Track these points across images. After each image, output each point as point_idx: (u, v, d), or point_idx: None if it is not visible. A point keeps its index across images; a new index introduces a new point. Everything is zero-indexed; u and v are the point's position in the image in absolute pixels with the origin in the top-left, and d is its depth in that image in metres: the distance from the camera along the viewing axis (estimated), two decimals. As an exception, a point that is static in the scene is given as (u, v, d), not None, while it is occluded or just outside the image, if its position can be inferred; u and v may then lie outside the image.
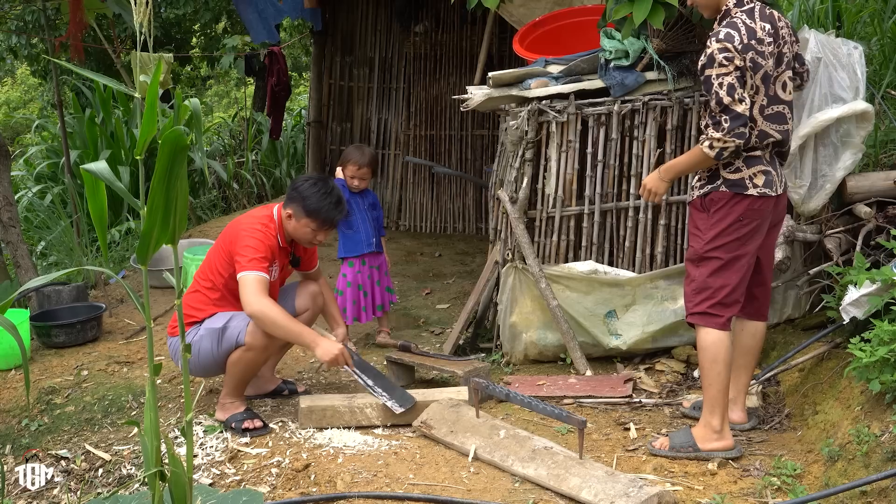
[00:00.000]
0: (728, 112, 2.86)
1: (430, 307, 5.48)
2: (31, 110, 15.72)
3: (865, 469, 2.66)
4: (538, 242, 4.17)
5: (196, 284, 3.58)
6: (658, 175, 3.18)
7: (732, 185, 3.00)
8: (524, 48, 4.54)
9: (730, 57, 2.87)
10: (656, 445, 3.14)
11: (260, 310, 3.28)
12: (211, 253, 3.61)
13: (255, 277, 3.33)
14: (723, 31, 2.91)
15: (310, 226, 3.51)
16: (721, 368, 3.01)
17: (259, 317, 3.29)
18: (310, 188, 3.51)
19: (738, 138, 2.87)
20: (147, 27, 1.88)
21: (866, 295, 3.19)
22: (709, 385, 3.04)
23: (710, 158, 2.93)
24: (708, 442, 3.06)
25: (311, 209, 3.49)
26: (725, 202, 3.01)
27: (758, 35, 2.92)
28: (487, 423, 3.24)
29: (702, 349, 3.06)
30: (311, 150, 8.11)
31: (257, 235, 3.44)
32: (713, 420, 3.05)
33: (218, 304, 3.51)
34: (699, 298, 3.06)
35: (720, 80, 2.87)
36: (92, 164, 1.85)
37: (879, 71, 4.58)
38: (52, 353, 4.59)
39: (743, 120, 2.86)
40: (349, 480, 2.93)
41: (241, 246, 3.41)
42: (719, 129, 2.87)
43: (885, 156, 4.27)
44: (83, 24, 5.92)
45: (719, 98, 2.87)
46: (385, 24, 7.99)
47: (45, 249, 7.31)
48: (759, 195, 2.99)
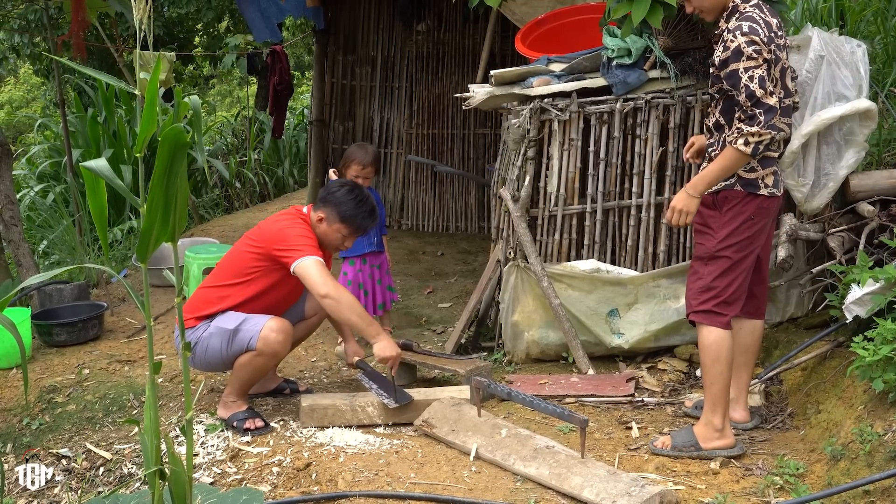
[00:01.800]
0: (761, 105, 2.82)
1: (432, 306, 5.47)
2: (33, 109, 15.74)
3: (868, 468, 2.65)
4: (540, 241, 4.17)
5: (213, 280, 3.56)
6: (686, 193, 3.02)
7: (746, 184, 2.98)
8: (526, 46, 4.53)
9: (759, 49, 2.83)
10: (658, 445, 3.13)
11: (331, 292, 3.31)
12: (236, 251, 3.59)
13: (314, 261, 3.35)
14: (745, 25, 2.86)
15: (342, 231, 3.55)
16: (723, 367, 3.01)
17: (332, 299, 3.31)
18: (346, 195, 3.54)
19: (773, 129, 2.84)
20: (147, 24, 1.87)
21: (869, 293, 3.18)
22: (710, 384, 3.04)
23: (746, 156, 2.87)
24: (710, 441, 3.05)
25: (346, 216, 3.51)
26: (738, 201, 2.99)
27: (773, 28, 2.91)
28: (489, 422, 3.23)
29: (703, 348, 3.05)
30: (313, 148, 8.10)
31: (301, 226, 3.48)
32: (715, 419, 3.04)
33: (235, 302, 3.48)
34: (705, 297, 3.05)
35: (750, 73, 2.82)
36: (92, 162, 1.85)
37: (883, 69, 4.57)
38: (54, 352, 4.59)
39: (775, 112, 2.83)
40: (350, 479, 2.92)
41: (288, 237, 3.41)
42: (755, 123, 2.82)
43: (889, 154, 4.25)
44: (85, 22, 5.92)
45: (751, 91, 2.82)
46: (387, 23, 7.98)
47: (47, 248, 7.32)
48: (769, 195, 3.00)
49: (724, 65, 2.91)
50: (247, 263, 3.49)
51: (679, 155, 4.03)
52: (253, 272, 3.48)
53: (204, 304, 3.48)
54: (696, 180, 3.02)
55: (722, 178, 2.97)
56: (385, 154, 8.01)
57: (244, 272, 3.49)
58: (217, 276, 3.57)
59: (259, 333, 3.34)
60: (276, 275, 3.47)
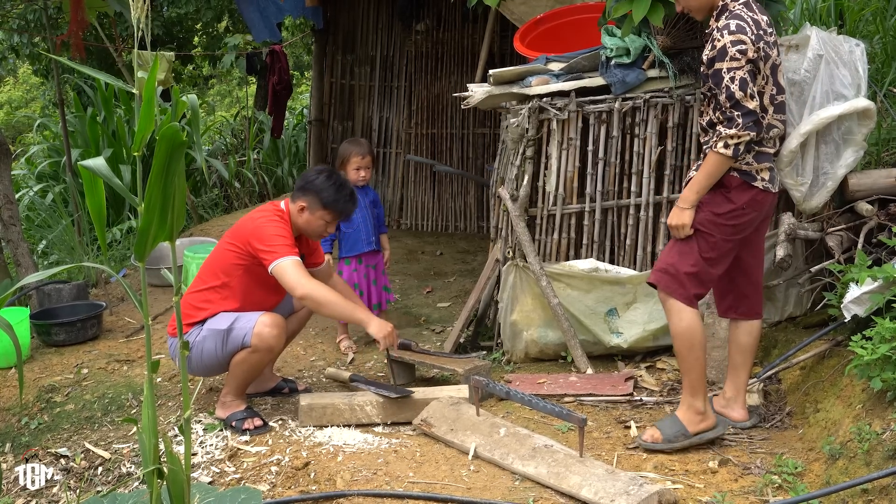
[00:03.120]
0: (740, 108, 2.85)
1: (431, 305, 5.47)
2: (32, 109, 15.73)
3: (867, 467, 2.65)
4: (539, 240, 4.17)
5: (199, 284, 3.56)
6: (678, 208, 3.06)
7: (742, 173, 3.00)
8: (525, 46, 4.53)
9: (743, 50, 2.83)
10: (647, 439, 3.14)
11: (308, 292, 3.32)
12: (218, 252, 3.60)
13: (292, 261, 3.36)
14: (733, 23, 2.87)
15: (325, 218, 3.56)
16: (698, 353, 3.04)
17: (309, 298, 3.33)
18: (325, 181, 3.56)
19: (752, 131, 2.86)
20: (145, 23, 1.87)
21: (868, 292, 3.18)
22: (688, 370, 3.08)
23: (729, 158, 2.91)
24: (696, 424, 3.10)
25: (327, 201, 3.53)
26: (734, 187, 3.01)
27: (762, 25, 2.91)
28: (488, 422, 3.23)
29: (676, 335, 3.07)
30: (312, 148, 8.10)
31: (278, 223, 3.48)
32: (696, 402, 3.09)
33: (223, 304, 3.50)
34: (671, 261, 3.06)
35: (732, 73, 2.84)
36: (90, 161, 1.84)
37: (881, 69, 4.57)
38: (53, 352, 4.59)
39: (755, 116, 2.85)
40: (349, 479, 2.92)
41: (265, 236, 3.41)
42: (733, 125, 2.86)
43: (887, 153, 4.26)
44: (84, 22, 5.91)
45: (731, 93, 2.84)
46: (386, 23, 7.98)
47: (46, 248, 7.31)
48: (763, 189, 3.02)
49: (710, 63, 2.92)
50: (230, 261, 3.50)
51: (678, 154, 4.04)
52: (236, 270, 3.49)
53: (193, 309, 3.49)
54: (685, 192, 3.06)
55: (709, 184, 3.00)
56: (384, 154, 8.01)
57: (227, 271, 3.50)
58: (202, 279, 3.57)
59: (252, 330, 3.35)
60: (259, 269, 3.47)
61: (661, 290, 3.10)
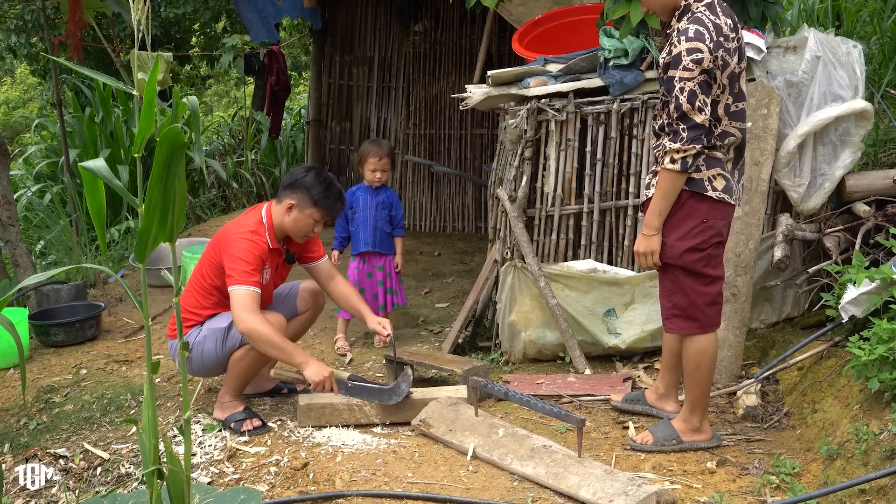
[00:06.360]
0: (686, 121, 2.76)
1: (430, 306, 5.47)
2: (30, 109, 15.71)
3: (864, 467, 2.66)
4: (537, 241, 4.17)
5: (192, 286, 3.56)
6: (643, 235, 2.96)
7: (692, 183, 2.88)
8: (523, 47, 4.54)
9: (698, 59, 2.72)
10: (638, 440, 3.16)
11: (250, 328, 3.26)
12: (203, 258, 3.59)
13: (244, 293, 3.30)
14: (692, 29, 2.76)
15: (314, 216, 3.51)
16: (703, 374, 3.05)
17: (249, 335, 3.29)
18: (314, 179, 3.52)
19: (697, 143, 2.78)
20: (145, 25, 1.88)
21: (865, 293, 3.19)
22: (692, 388, 3.09)
23: (678, 172, 2.81)
24: (689, 435, 3.12)
25: (318, 199, 3.49)
26: (684, 202, 2.89)
27: (723, 31, 2.79)
28: (486, 422, 3.23)
29: (686, 356, 3.08)
30: (310, 149, 8.11)
31: (246, 246, 3.39)
32: (693, 419, 3.11)
33: (215, 307, 3.51)
34: (669, 305, 3.05)
35: (682, 84, 2.74)
36: (90, 162, 1.85)
37: (879, 70, 4.59)
38: (51, 352, 4.59)
39: (702, 130, 2.77)
40: (348, 479, 2.93)
41: (231, 258, 3.37)
42: (677, 139, 2.78)
43: (885, 154, 4.27)
44: (82, 22, 5.90)
45: (678, 104, 2.75)
46: (384, 23, 7.99)
47: (44, 248, 7.31)
48: (717, 199, 2.88)
49: (665, 68, 2.83)
50: (212, 270, 3.49)
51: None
52: (218, 279, 3.46)
53: (190, 311, 3.50)
54: (647, 218, 2.96)
55: (668, 204, 2.88)
56: (383, 154, 8.01)
57: (212, 279, 3.49)
58: (195, 281, 3.56)
59: None
60: None
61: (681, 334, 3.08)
